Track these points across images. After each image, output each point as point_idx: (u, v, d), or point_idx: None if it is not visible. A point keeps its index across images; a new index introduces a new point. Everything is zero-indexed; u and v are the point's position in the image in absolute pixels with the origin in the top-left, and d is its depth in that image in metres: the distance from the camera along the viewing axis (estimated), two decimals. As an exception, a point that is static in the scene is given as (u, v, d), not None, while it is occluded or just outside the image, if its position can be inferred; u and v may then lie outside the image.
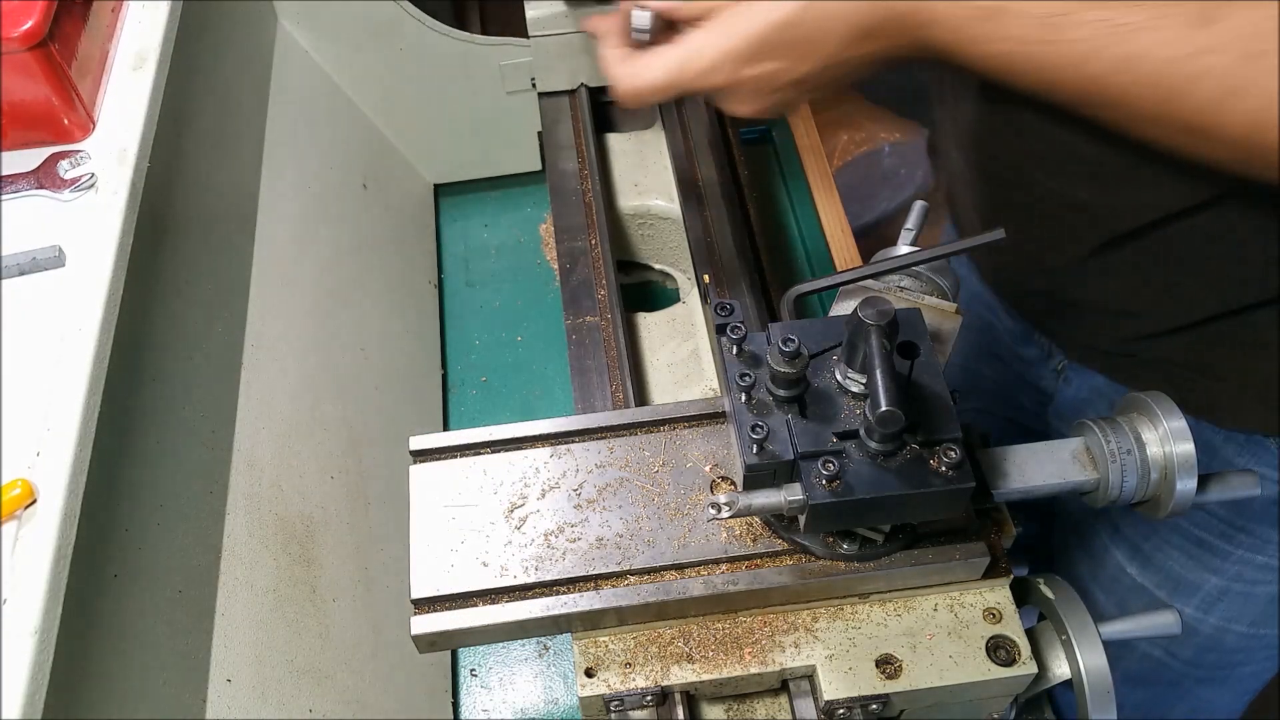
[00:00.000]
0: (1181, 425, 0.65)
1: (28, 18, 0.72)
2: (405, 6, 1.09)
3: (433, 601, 0.66)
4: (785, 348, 0.59)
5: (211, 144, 0.89)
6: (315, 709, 0.76)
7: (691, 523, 0.68)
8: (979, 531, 0.67)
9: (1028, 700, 0.75)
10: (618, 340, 0.91)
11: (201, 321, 0.81)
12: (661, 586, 0.66)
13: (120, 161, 0.73)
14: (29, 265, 0.70)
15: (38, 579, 0.55)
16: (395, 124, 1.21)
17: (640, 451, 0.71)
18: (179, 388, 0.75)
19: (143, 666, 0.64)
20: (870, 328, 0.57)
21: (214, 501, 0.75)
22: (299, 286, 0.96)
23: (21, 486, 0.58)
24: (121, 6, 0.85)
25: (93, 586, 0.61)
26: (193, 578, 0.71)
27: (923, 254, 0.75)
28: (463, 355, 1.16)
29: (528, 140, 1.22)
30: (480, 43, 1.13)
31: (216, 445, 0.78)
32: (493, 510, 0.69)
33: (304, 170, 1.03)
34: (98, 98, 0.80)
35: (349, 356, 0.99)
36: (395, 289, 1.13)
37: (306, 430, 0.88)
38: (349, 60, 1.14)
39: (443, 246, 1.25)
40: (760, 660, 0.67)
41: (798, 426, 0.61)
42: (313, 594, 0.81)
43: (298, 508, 0.83)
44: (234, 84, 0.97)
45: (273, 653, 0.75)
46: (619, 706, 0.67)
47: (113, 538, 0.65)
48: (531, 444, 0.72)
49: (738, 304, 0.66)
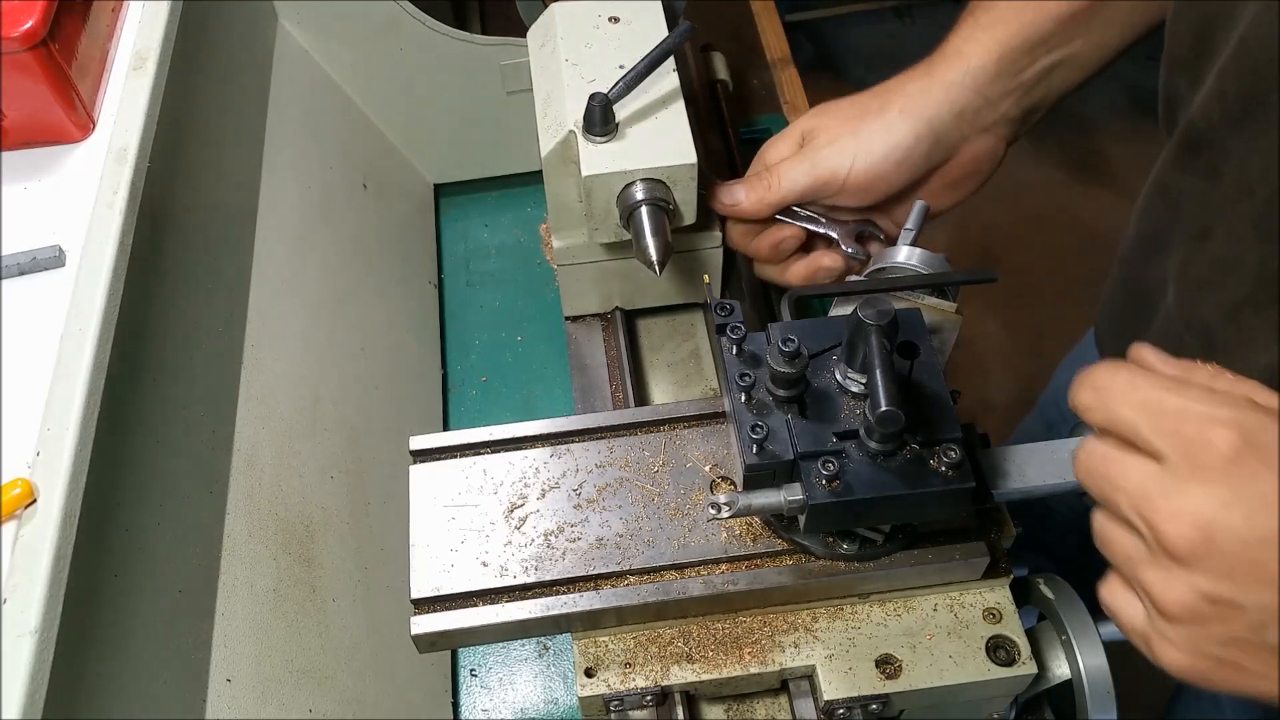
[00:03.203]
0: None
1: (28, 18, 0.72)
2: (405, 6, 1.09)
3: (433, 601, 0.66)
4: (785, 348, 0.59)
5: (211, 144, 0.89)
6: (315, 709, 0.76)
7: (691, 523, 0.68)
8: (979, 531, 0.68)
9: (1027, 700, 0.75)
10: (618, 340, 0.91)
11: (201, 321, 0.81)
12: (661, 586, 0.66)
13: (120, 161, 0.73)
14: (29, 265, 0.70)
15: (37, 579, 0.55)
16: (395, 124, 1.21)
17: (640, 451, 0.71)
18: (179, 388, 0.75)
19: (143, 666, 0.64)
20: (870, 328, 0.57)
21: (214, 501, 0.75)
22: (299, 286, 0.96)
23: (21, 486, 0.58)
24: (121, 6, 0.85)
25: (93, 586, 0.61)
26: (193, 578, 0.71)
27: (919, 279, 0.76)
28: (463, 355, 1.16)
29: (528, 140, 1.22)
30: (480, 43, 1.13)
31: (216, 445, 0.78)
32: (492, 510, 0.69)
33: (304, 170, 1.03)
34: (98, 98, 0.80)
35: (349, 356, 0.99)
36: (395, 289, 1.13)
37: (306, 430, 0.88)
38: (349, 60, 1.13)
39: (443, 246, 1.25)
40: (760, 660, 0.67)
41: (798, 426, 0.61)
42: (313, 594, 0.81)
43: (298, 508, 0.83)
44: (234, 84, 0.97)
45: (273, 653, 0.75)
46: (619, 706, 0.67)
47: (113, 538, 0.65)
48: (531, 444, 0.72)
49: (738, 304, 0.66)
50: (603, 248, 0.86)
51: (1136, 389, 0.52)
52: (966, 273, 0.77)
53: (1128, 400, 0.52)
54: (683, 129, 0.78)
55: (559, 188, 0.83)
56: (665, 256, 0.75)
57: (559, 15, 0.86)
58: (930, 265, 0.78)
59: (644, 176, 0.76)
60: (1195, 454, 0.49)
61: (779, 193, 0.83)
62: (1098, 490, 0.53)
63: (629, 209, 0.77)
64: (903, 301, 0.75)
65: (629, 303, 0.93)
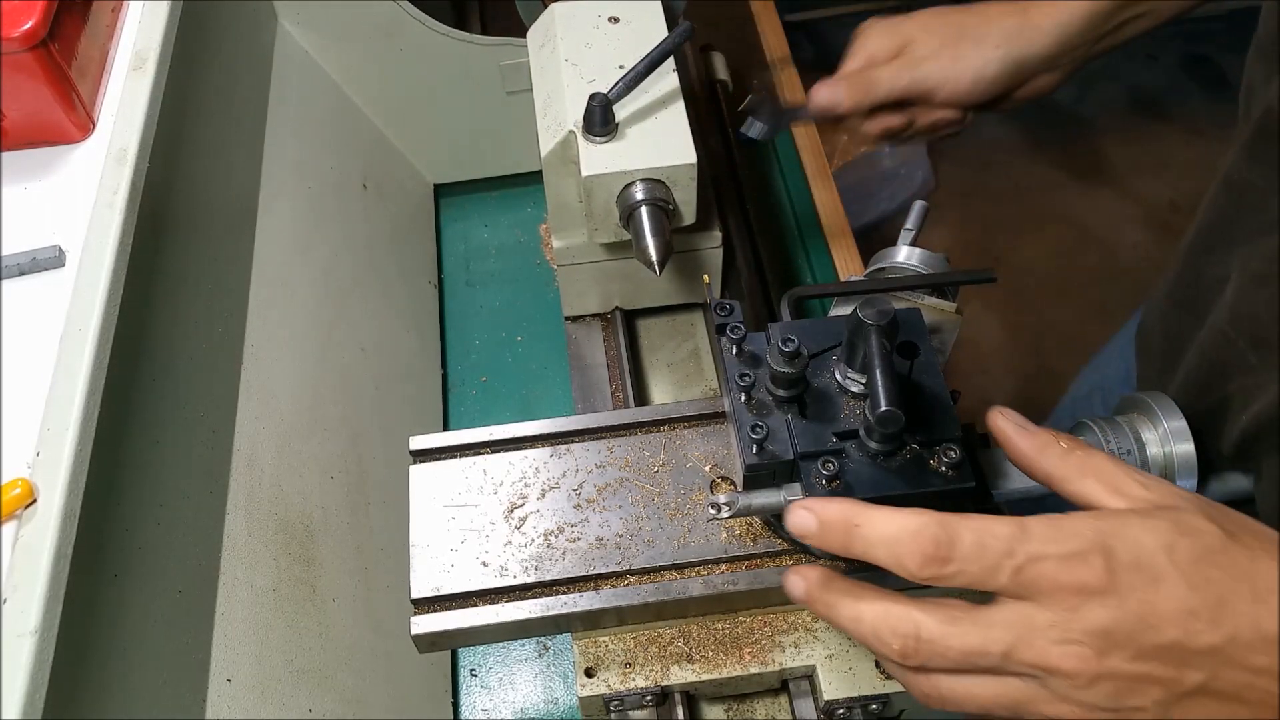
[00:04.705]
0: (1181, 425, 0.65)
1: (28, 18, 0.72)
2: (405, 6, 1.09)
3: (433, 601, 0.66)
4: (785, 348, 0.59)
5: (211, 144, 0.89)
6: (315, 709, 0.76)
7: (691, 523, 0.68)
8: (979, 531, 0.67)
9: None
10: (618, 340, 0.91)
11: (201, 321, 0.81)
12: (661, 586, 0.66)
13: (120, 161, 0.73)
14: (29, 265, 0.70)
15: (37, 579, 0.55)
16: (395, 124, 1.21)
17: (640, 451, 0.71)
18: (179, 388, 0.75)
19: (143, 666, 0.64)
20: (870, 328, 0.57)
21: (214, 501, 0.75)
22: (299, 286, 0.96)
23: (21, 486, 0.58)
24: (121, 6, 0.85)
25: (93, 586, 0.61)
26: (193, 578, 0.71)
27: (919, 279, 0.76)
28: (463, 355, 1.16)
29: (528, 140, 1.22)
30: (480, 43, 1.13)
31: (216, 445, 0.78)
32: (492, 510, 0.69)
33: (304, 170, 1.03)
34: (98, 98, 0.80)
35: (349, 356, 0.99)
36: (395, 289, 1.13)
37: (306, 430, 0.88)
38: (349, 60, 1.13)
39: (443, 246, 1.25)
40: (760, 660, 0.67)
41: (797, 426, 0.61)
42: (313, 594, 0.81)
43: (298, 508, 0.83)
44: (234, 84, 0.97)
45: (273, 653, 0.75)
46: (619, 706, 0.67)
47: (113, 538, 0.65)
48: (531, 444, 0.72)
49: (738, 304, 0.66)
50: (603, 248, 0.86)
51: (985, 553, 0.50)
52: (966, 273, 0.77)
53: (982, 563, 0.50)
54: (683, 129, 0.78)
55: (559, 188, 0.83)
56: (665, 256, 0.75)
57: (559, 15, 0.86)
58: (930, 265, 0.78)
59: (644, 176, 0.76)
60: (1068, 595, 0.49)
61: (876, 97, 0.91)
62: (965, 666, 0.52)
63: (629, 209, 0.77)
64: (903, 301, 0.75)
65: (629, 303, 0.93)
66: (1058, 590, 0.49)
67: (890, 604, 0.53)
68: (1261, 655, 0.48)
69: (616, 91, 0.77)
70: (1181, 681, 0.49)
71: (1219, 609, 0.48)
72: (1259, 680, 0.48)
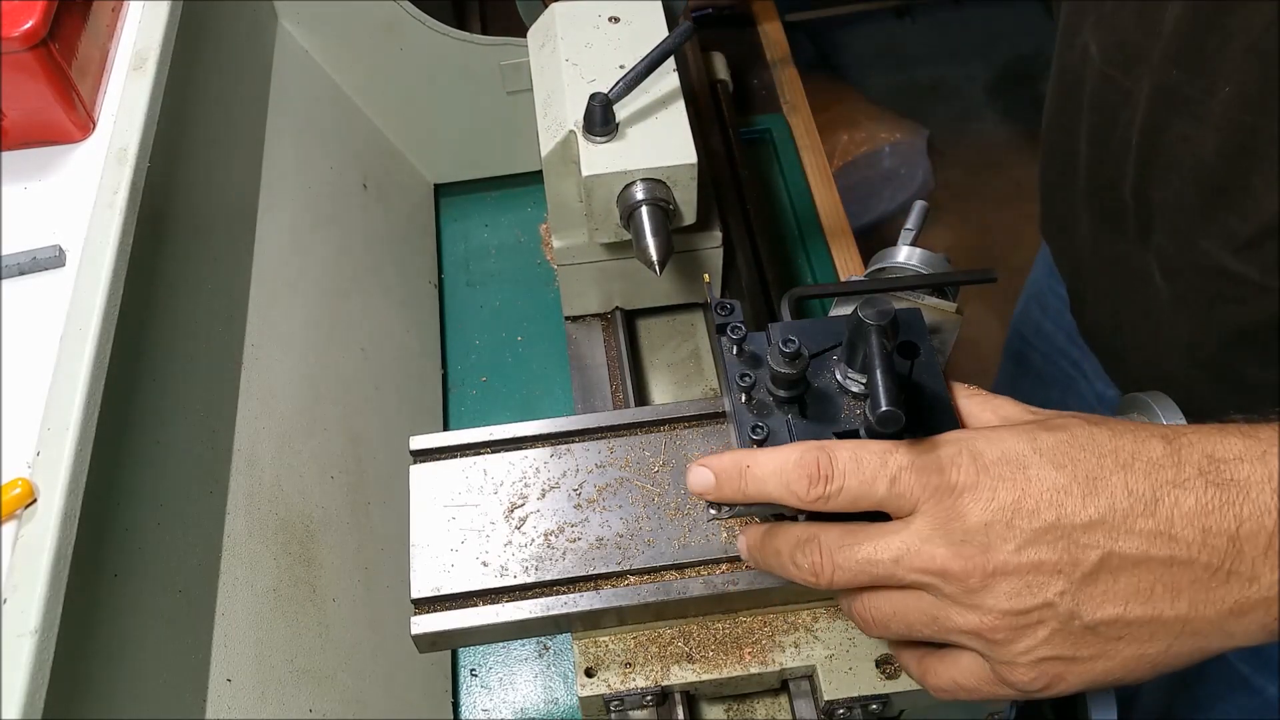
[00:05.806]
0: (1181, 424, 0.65)
1: (28, 18, 0.72)
2: (405, 6, 1.09)
3: (433, 601, 0.66)
4: (785, 348, 0.59)
5: (211, 144, 0.89)
6: (315, 709, 0.76)
7: (691, 523, 0.68)
8: (979, 531, 0.67)
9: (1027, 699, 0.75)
10: (618, 340, 0.91)
11: (201, 321, 0.81)
12: (661, 586, 0.66)
13: (120, 161, 0.73)
14: (29, 265, 0.70)
15: (37, 579, 0.55)
16: (395, 124, 1.21)
17: (640, 451, 0.71)
18: (179, 388, 0.75)
19: (143, 666, 0.64)
20: (870, 328, 0.57)
21: (214, 501, 0.75)
22: (299, 286, 0.96)
23: (21, 486, 0.58)
24: (121, 6, 0.85)
25: (93, 586, 0.61)
26: (193, 578, 0.71)
27: (919, 279, 0.76)
28: (463, 355, 1.16)
29: (528, 140, 1.22)
30: (480, 43, 1.13)
31: (216, 445, 0.78)
32: (493, 510, 0.69)
33: (304, 170, 1.03)
34: (98, 98, 0.80)
35: (349, 356, 0.99)
36: (395, 289, 1.13)
37: (306, 430, 0.88)
38: (349, 60, 1.13)
39: (443, 246, 1.25)
40: (760, 660, 0.67)
41: (798, 427, 0.61)
42: (313, 594, 0.81)
43: (298, 508, 0.83)
44: (234, 84, 0.97)
45: (273, 653, 0.75)
46: (619, 706, 0.67)
47: (113, 538, 0.65)
48: (531, 444, 0.72)
49: (738, 304, 0.66)
50: (603, 248, 0.86)
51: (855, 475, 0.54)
52: (966, 273, 0.77)
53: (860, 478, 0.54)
54: (683, 129, 0.78)
55: (559, 188, 0.83)
56: (665, 256, 0.75)
57: (559, 15, 0.86)
58: (930, 265, 0.78)
59: (644, 176, 0.76)
60: (941, 496, 0.52)
61: None
62: (864, 577, 0.55)
63: (629, 209, 0.77)
64: (903, 301, 0.75)
65: (629, 303, 0.93)
66: (933, 494, 0.52)
67: (801, 529, 0.57)
68: (1145, 519, 0.49)
69: (617, 91, 0.77)
70: (1077, 563, 0.50)
71: (1089, 483, 0.50)
72: (1155, 543, 0.49)
